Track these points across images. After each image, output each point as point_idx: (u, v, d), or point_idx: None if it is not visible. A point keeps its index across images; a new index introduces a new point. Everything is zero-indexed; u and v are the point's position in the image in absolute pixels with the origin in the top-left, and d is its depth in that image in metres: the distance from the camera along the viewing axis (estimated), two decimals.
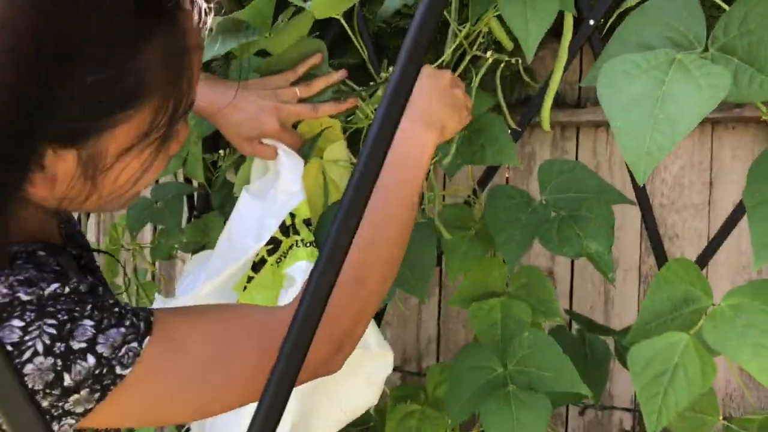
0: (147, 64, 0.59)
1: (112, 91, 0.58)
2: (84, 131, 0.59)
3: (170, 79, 0.62)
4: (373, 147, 0.63)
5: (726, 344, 0.81)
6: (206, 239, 1.38)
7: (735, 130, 1.70)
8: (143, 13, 0.58)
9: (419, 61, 0.64)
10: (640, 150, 0.70)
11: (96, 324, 0.60)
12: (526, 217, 1.05)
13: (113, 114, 0.59)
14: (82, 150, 0.60)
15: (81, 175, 0.62)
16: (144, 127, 0.62)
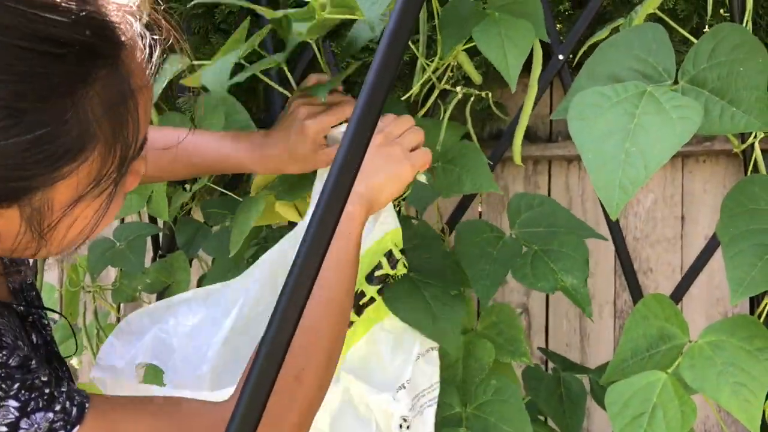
0: (88, 114, 0.54)
1: (52, 147, 0.53)
2: (24, 190, 0.54)
3: (115, 124, 0.57)
4: (331, 193, 0.61)
5: (705, 383, 0.79)
6: (171, 280, 1.34)
7: (705, 164, 1.70)
8: (82, 57, 0.53)
9: (381, 99, 0.62)
10: (613, 184, 0.68)
11: (21, 406, 0.56)
12: (498, 252, 1.03)
13: (55, 169, 0.54)
14: (24, 207, 0.55)
15: (27, 230, 0.57)
16: (92, 176, 0.57)
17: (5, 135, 0.50)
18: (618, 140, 0.69)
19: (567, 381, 1.13)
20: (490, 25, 0.88)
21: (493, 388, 0.99)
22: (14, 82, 0.50)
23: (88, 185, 0.57)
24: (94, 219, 0.61)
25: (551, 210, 1.08)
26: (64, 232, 0.60)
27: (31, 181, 0.54)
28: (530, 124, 1.85)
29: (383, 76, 0.54)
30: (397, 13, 0.63)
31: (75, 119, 0.53)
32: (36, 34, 0.50)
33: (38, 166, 0.53)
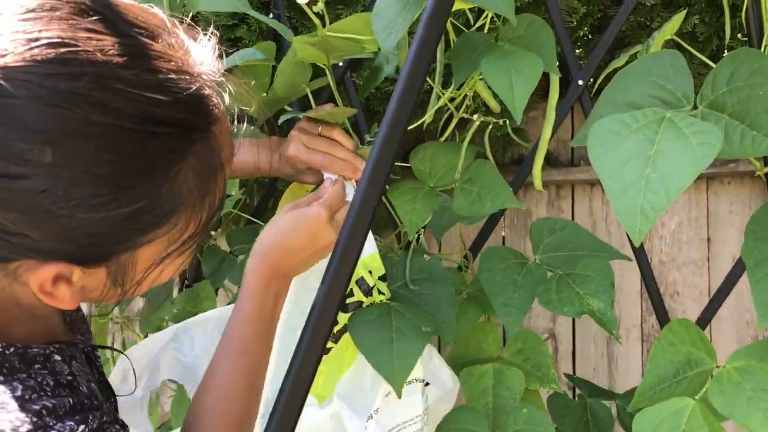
0: (182, 185, 0.57)
1: (147, 218, 0.56)
2: (114, 253, 0.57)
3: (204, 193, 0.60)
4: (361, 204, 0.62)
5: (735, 409, 0.78)
6: (198, 309, 1.35)
7: (730, 185, 1.69)
8: (181, 134, 0.56)
9: (402, 129, 0.64)
10: (634, 210, 0.68)
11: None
12: (522, 279, 1.02)
13: (145, 236, 0.57)
14: (111, 266, 0.58)
15: (110, 285, 0.60)
16: (175, 239, 0.60)
17: (106, 209, 0.53)
18: (638, 167, 0.69)
19: (593, 408, 1.11)
20: (498, 57, 0.89)
21: (524, 418, 0.98)
22: (119, 162, 0.53)
23: (169, 247, 0.60)
24: (172, 274, 0.65)
25: (574, 234, 1.07)
26: (147, 285, 0.63)
27: (122, 245, 0.57)
28: (552, 149, 1.85)
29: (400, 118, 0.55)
30: (416, 47, 0.64)
31: (170, 192, 0.56)
32: (141, 115, 0.53)
33: (131, 234, 0.56)
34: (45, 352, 0.64)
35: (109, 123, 0.51)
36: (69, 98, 0.50)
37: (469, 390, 1.04)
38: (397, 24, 0.83)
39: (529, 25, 0.94)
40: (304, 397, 0.55)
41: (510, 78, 0.86)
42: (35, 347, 0.63)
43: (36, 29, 0.51)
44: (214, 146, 0.59)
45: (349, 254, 0.59)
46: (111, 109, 0.51)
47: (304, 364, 0.52)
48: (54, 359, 0.64)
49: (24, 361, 0.61)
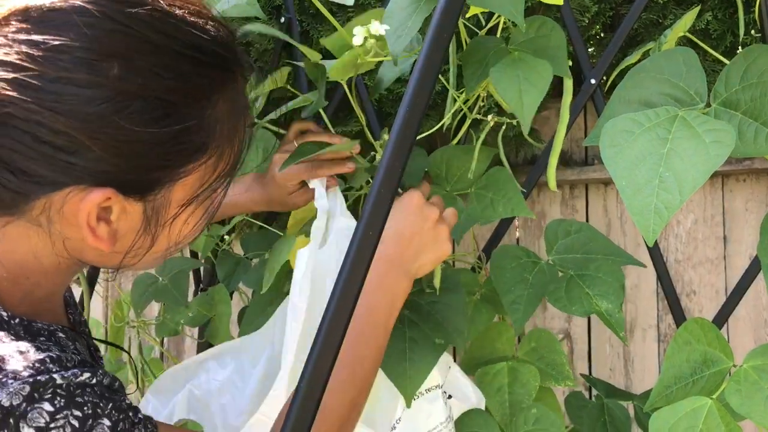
0: (219, 116, 0.64)
1: (192, 140, 0.62)
2: (157, 182, 0.62)
3: (232, 132, 0.66)
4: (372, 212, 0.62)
5: (752, 409, 0.78)
6: (212, 313, 1.36)
7: (746, 183, 1.68)
8: (219, 67, 0.64)
9: (414, 130, 0.64)
10: (648, 209, 0.68)
11: (112, 426, 0.59)
12: (533, 278, 1.02)
13: (187, 163, 0.63)
14: (149, 203, 0.63)
15: (143, 229, 0.64)
16: (205, 179, 0.66)
17: (158, 124, 0.59)
18: (651, 166, 0.69)
19: (610, 408, 1.11)
20: (507, 65, 0.88)
21: (534, 418, 0.98)
22: (173, 80, 0.60)
23: (200, 187, 0.66)
24: (193, 228, 0.69)
25: (589, 236, 1.07)
26: (169, 236, 0.67)
27: (166, 172, 0.62)
28: (565, 148, 1.84)
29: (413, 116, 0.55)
30: (427, 49, 0.64)
31: (211, 118, 0.63)
32: (190, 42, 0.61)
33: (176, 157, 0.62)
34: (50, 328, 0.65)
35: (166, 45, 0.60)
36: (134, 21, 0.58)
37: (485, 390, 1.03)
38: (407, 27, 0.83)
39: (540, 27, 0.94)
40: (318, 402, 0.55)
41: (519, 87, 0.86)
42: (40, 322, 0.65)
43: None
44: (241, 90, 0.67)
45: (362, 260, 0.60)
46: (167, 34, 0.60)
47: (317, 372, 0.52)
48: (59, 336, 0.66)
49: (29, 333, 0.62)
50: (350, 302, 0.57)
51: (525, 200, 1.03)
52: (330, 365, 0.54)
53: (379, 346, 0.82)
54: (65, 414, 0.56)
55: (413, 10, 0.84)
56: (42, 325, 0.65)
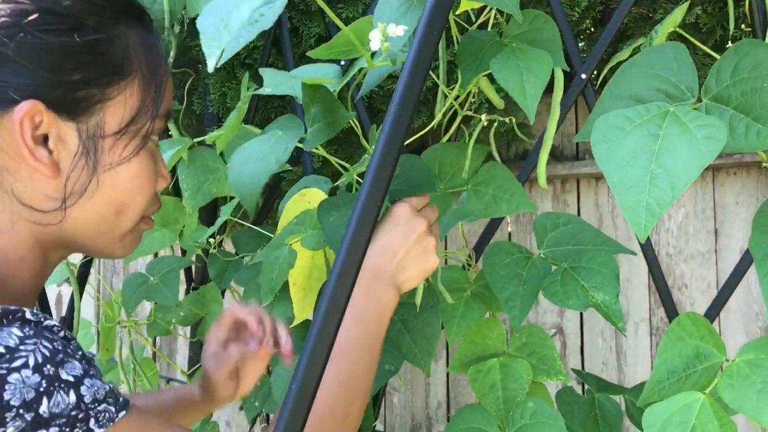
0: (130, 44, 0.68)
1: (106, 56, 0.66)
2: (84, 99, 0.65)
3: (150, 63, 0.70)
4: (360, 216, 0.62)
5: (745, 403, 0.78)
6: (204, 312, 1.36)
7: (737, 176, 1.68)
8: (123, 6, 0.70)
9: (404, 127, 0.63)
10: (639, 206, 0.68)
11: (85, 369, 0.59)
12: (527, 273, 1.02)
13: (108, 83, 0.66)
14: (81, 124, 0.66)
15: (83, 156, 0.66)
16: (135, 106, 0.69)
17: (72, 35, 0.64)
18: (643, 162, 0.69)
19: (602, 402, 1.11)
20: (508, 56, 0.88)
21: (530, 411, 0.98)
22: (84, 2, 0.66)
23: (130, 116, 0.69)
24: (134, 176, 0.70)
25: (578, 228, 1.07)
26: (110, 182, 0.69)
27: (89, 90, 0.66)
28: (556, 143, 1.84)
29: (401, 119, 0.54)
30: (417, 46, 0.64)
31: (121, 42, 0.68)
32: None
33: (94, 70, 0.66)
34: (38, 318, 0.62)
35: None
36: None
37: (478, 387, 1.03)
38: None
39: (533, 20, 0.93)
40: (310, 404, 0.55)
41: (521, 77, 0.86)
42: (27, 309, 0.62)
43: None
44: (153, 35, 0.72)
45: (352, 258, 0.59)
46: None
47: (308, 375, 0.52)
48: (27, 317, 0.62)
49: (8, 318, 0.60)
50: (339, 311, 0.57)
51: None
52: (320, 373, 0.53)
53: (371, 357, 0.82)
54: (34, 342, 0.56)
55: (406, 8, 0.83)
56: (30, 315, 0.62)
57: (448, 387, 1.94)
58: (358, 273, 0.63)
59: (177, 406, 1.02)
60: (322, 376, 0.57)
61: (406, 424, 1.96)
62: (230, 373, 0.95)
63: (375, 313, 0.82)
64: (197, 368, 1.47)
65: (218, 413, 2.17)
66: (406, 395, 1.97)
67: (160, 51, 0.73)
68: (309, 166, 1.43)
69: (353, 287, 0.63)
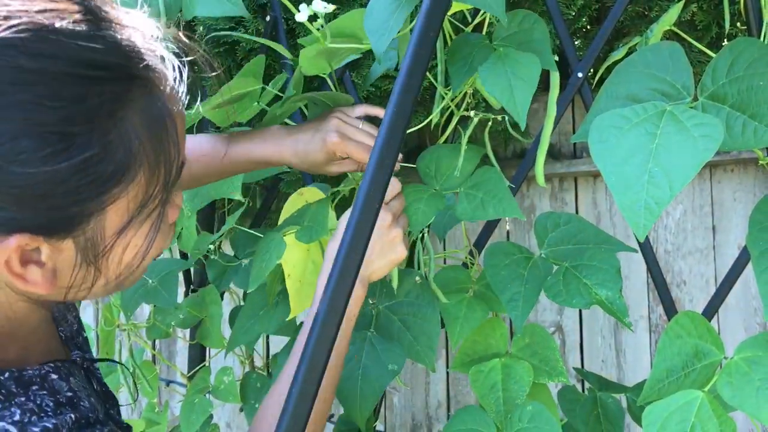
0: (130, 134, 0.56)
1: (101, 167, 0.55)
2: (78, 217, 0.56)
3: (156, 145, 0.59)
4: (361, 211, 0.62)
5: (744, 400, 0.78)
6: (203, 314, 1.35)
7: (734, 172, 1.68)
8: (119, 79, 0.56)
9: (402, 130, 0.63)
10: (638, 205, 0.68)
11: None
12: (528, 273, 1.02)
13: (105, 192, 0.56)
14: (78, 237, 0.57)
15: (82, 262, 0.59)
16: (139, 199, 0.59)
17: (58, 159, 0.52)
18: (640, 161, 0.69)
19: (603, 401, 1.11)
20: (495, 62, 0.88)
21: (529, 414, 0.98)
22: (62, 108, 0.52)
23: (135, 209, 0.59)
24: (143, 248, 0.63)
25: (579, 227, 1.07)
26: (117, 261, 0.62)
27: (84, 206, 0.55)
28: (554, 142, 1.85)
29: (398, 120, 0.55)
30: (413, 48, 0.64)
31: (119, 139, 0.55)
32: (78, 59, 0.53)
33: (89, 189, 0.55)
34: (41, 372, 0.63)
35: (45, 69, 0.51)
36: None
37: (479, 388, 1.03)
38: (389, 26, 0.82)
39: (522, 20, 0.93)
40: (310, 407, 0.55)
41: (509, 83, 0.86)
42: (30, 369, 0.62)
43: None
44: (157, 94, 0.58)
45: (353, 257, 0.59)
46: (44, 56, 0.51)
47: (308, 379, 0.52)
48: (51, 378, 0.64)
49: (21, 384, 0.60)
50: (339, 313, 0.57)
51: (514, 194, 1.03)
52: (320, 376, 0.54)
53: (339, 353, 0.84)
54: None
55: (395, 8, 0.84)
56: (33, 372, 0.63)
57: (448, 386, 1.94)
58: (357, 274, 0.63)
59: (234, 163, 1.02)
60: (321, 380, 0.57)
61: (407, 424, 1.97)
62: None
63: (351, 313, 0.85)
64: (197, 370, 1.47)
65: (218, 415, 2.17)
66: (406, 395, 1.98)
67: (170, 113, 0.60)
68: None
69: (352, 289, 0.63)
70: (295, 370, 0.54)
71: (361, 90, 1.43)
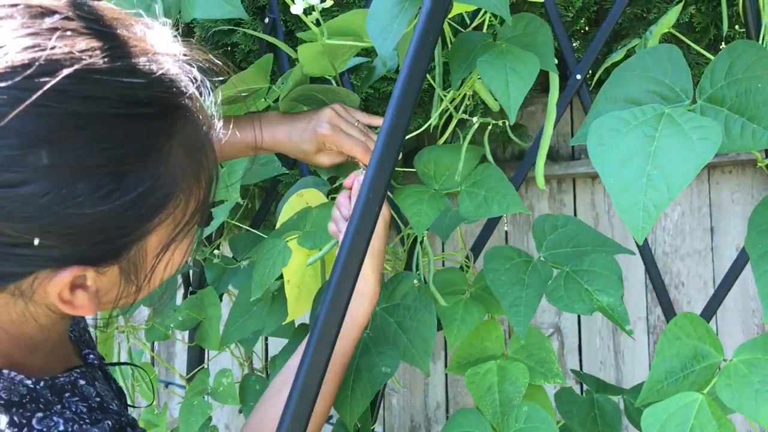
0: (175, 164, 0.58)
1: (150, 200, 0.56)
2: (125, 246, 0.58)
3: (196, 168, 0.60)
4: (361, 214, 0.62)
5: (743, 403, 0.78)
6: (202, 316, 1.35)
7: (732, 174, 1.69)
8: (162, 112, 0.57)
9: (401, 134, 0.63)
10: (636, 208, 0.68)
11: None
12: (529, 277, 1.02)
13: (152, 220, 0.57)
14: (123, 262, 0.59)
15: (125, 282, 0.60)
16: (178, 220, 0.60)
17: (110, 199, 0.53)
18: (639, 164, 0.69)
19: (600, 403, 1.11)
20: (495, 56, 0.88)
21: (525, 415, 0.98)
22: (113, 148, 0.53)
23: (175, 230, 0.61)
24: (180, 263, 0.65)
25: (577, 229, 1.07)
26: (157, 278, 0.63)
27: (132, 235, 0.57)
28: (552, 143, 1.85)
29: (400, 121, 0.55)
30: (413, 51, 0.64)
31: (166, 172, 0.57)
32: (122, 99, 0.53)
33: (139, 221, 0.56)
34: (71, 379, 0.65)
35: (95, 112, 0.52)
36: (51, 96, 0.50)
37: (475, 390, 1.03)
38: (393, 29, 0.82)
39: (527, 24, 0.94)
40: (310, 410, 0.55)
41: (506, 77, 0.86)
42: (61, 376, 0.64)
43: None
44: (196, 122, 0.60)
45: (353, 263, 0.59)
46: (93, 98, 0.52)
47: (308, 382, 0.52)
48: (80, 384, 0.65)
49: (55, 392, 0.62)
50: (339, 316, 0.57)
51: None
52: (320, 379, 0.54)
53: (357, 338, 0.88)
54: None
55: (399, 10, 0.84)
56: (63, 379, 0.64)
57: (447, 388, 1.94)
58: (356, 278, 0.63)
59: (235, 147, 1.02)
60: (321, 383, 0.57)
61: (405, 426, 1.97)
62: None
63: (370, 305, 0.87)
64: (196, 372, 1.46)
65: (217, 417, 2.17)
66: (405, 396, 1.98)
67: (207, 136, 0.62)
68: (305, 168, 1.43)
69: (353, 292, 0.63)
70: (295, 375, 0.54)
71: (360, 92, 1.43)
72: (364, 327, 0.91)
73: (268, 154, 1.30)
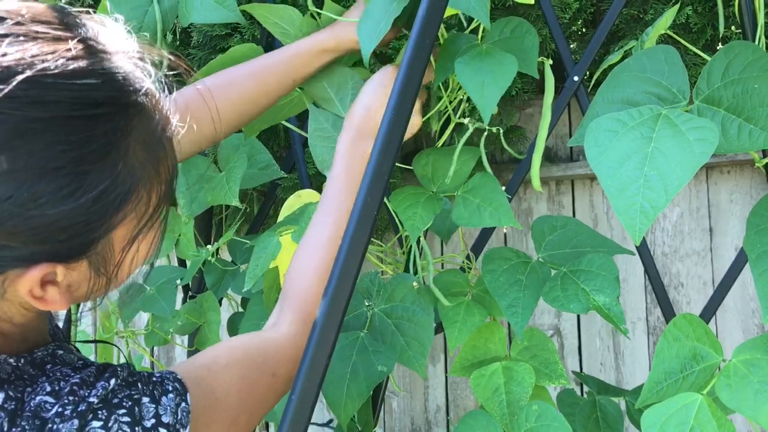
0: (134, 160, 0.59)
1: (111, 197, 0.58)
2: (91, 240, 0.59)
3: (155, 162, 0.62)
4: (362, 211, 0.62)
5: (742, 403, 0.78)
6: (201, 320, 1.35)
7: (730, 174, 1.69)
8: (118, 111, 0.58)
9: (399, 138, 0.63)
10: (633, 209, 0.68)
11: (151, 399, 0.62)
12: (527, 278, 1.02)
13: (116, 214, 0.59)
14: (91, 256, 0.60)
15: (94, 275, 0.62)
16: (142, 213, 0.62)
17: (73, 198, 0.55)
18: (636, 165, 0.69)
19: (602, 404, 1.11)
20: (473, 57, 0.89)
21: (536, 413, 0.98)
22: (72, 150, 0.54)
23: (139, 223, 0.62)
24: (149, 254, 0.67)
25: (575, 230, 1.07)
26: (126, 270, 0.65)
27: (97, 231, 0.59)
28: (550, 145, 1.85)
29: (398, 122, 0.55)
30: (410, 54, 0.64)
31: (125, 168, 0.58)
32: (78, 101, 0.55)
33: (102, 216, 0.58)
34: (48, 351, 0.66)
35: (51, 116, 0.53)
36: (5, 103, 0.51)
37: (481, 392, 1.03)
38: (379, 29, 0.85)
39: (515, 28, 0.94)
40: (310, 415, 0.55)
41: (482, 78, 0.87)
42: (38, 351, 0.65)
43: None
44: (153, 117, 0.61)
45: (351, 265, 0.59)
46: (48, 102, 0.53)
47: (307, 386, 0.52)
48: (59, 353, 0.66)
49: (35, 366, 0.63)
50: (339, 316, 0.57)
51: (511, 198, 1.03)
52: (319, 382, 0.54)
53: (347, 208, 0.87)
54: (114, 419, 0.59)
55: (385, 13, 0.85)
56: (41, 353, 0.65)
57: (447, 391, 1.94)
58: (356, 281, 0.63)
59: None
60: (321, 386, 0.57)
61: (406, 428, 1.97)
62: None
63: (359, 168, 0.89)
64: None
65: None
66: (405, 399, 1.97)
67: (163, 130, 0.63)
68: (304, 172, 1.43)
69: (351, 294, 0.63)
70: (294, 379, 0.54)
71: None
72: None
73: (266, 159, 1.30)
